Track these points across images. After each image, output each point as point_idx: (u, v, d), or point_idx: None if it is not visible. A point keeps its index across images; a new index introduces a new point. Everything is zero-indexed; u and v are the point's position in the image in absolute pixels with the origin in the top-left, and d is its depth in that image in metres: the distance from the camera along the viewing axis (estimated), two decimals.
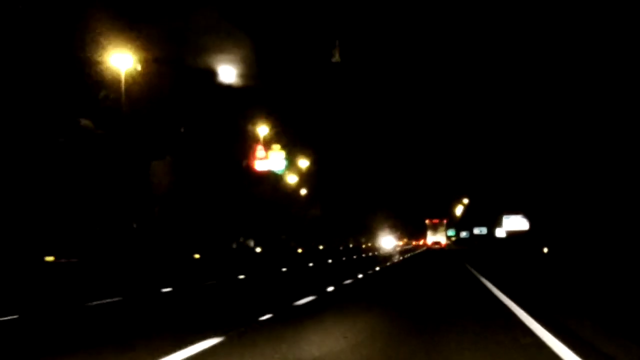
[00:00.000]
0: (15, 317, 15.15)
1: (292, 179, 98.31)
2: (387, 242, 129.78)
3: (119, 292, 21.24)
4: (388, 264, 47.75)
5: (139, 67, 42.72)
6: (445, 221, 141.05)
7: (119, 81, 40.43)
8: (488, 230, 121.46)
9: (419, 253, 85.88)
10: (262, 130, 74.63)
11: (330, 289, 22.96)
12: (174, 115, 49.98)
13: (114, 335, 12.72)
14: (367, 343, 11.13)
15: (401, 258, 62.75)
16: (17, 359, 10.54)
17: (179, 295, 21.80)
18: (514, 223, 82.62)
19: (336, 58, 57.35)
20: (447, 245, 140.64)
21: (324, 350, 10.48)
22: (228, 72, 57.49)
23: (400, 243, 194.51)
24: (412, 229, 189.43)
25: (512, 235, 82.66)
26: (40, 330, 13.52)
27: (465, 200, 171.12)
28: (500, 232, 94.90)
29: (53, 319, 15.25)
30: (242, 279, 29.85)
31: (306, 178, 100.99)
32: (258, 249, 73.54)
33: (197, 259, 48.66)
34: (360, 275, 31.68)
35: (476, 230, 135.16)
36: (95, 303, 18.11)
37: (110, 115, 42.19)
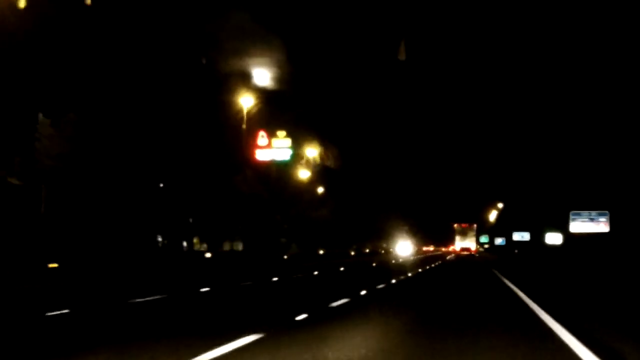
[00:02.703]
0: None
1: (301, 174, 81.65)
2: (403, 248, 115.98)
3: None
4: (393, 281, 30.84)
5: None
6: (474, 225, 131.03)
7: None
8: (533, 235, 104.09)
9: (442, 264, 68.76)
10: (245, 101, 57.73)
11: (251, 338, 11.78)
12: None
13: None
14: None
15: (419, 270, 45.64)
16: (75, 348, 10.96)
17: None
18: (585, 224, 63.76)
19: (401, 56, 54.11)
20: (477, 251, 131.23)
21: None
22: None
23: (425, 249, 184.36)
24: (439, 234, 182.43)
25: (579, 237, 64.28)
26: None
27: (500, 205, 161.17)
28: (553, 238, 77.29)
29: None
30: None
31: (320, 175, 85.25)
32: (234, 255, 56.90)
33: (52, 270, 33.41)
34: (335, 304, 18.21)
35: (516, 236, 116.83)
36: None
37: None
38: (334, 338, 12.23)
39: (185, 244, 54.32)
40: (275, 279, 30.55)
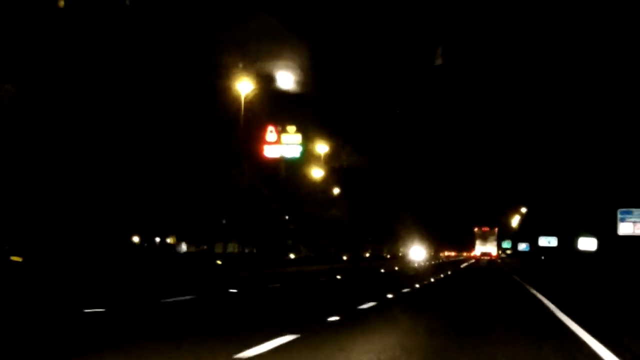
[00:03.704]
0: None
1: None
2: (417, 253, 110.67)
3: None
4: (389, 296, 24.31)
5: None
6: (496, 229, 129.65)
7: None
8: (561, 241, 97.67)
9: (459, 271, 62.61)
10: (243, 87, 51.61)
11: None
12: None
13: None
14: None
15: (431, 280, 38.65)
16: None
17: None
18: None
19: (438, 61, 55.87)
20: (498, 257, 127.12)
21: None
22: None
23: (447, 254, 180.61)
24: (461, 239, 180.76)
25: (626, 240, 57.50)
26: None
27: (523, 210, 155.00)
28: (586, 244, 70.93)
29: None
30: None
31: (334, 174, 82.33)
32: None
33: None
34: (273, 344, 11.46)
35: (542, 241, 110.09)
36: None
37: None
38: None
39: (170, 241, 48.82)
40: (233, 290, 24.46)
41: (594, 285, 34.41)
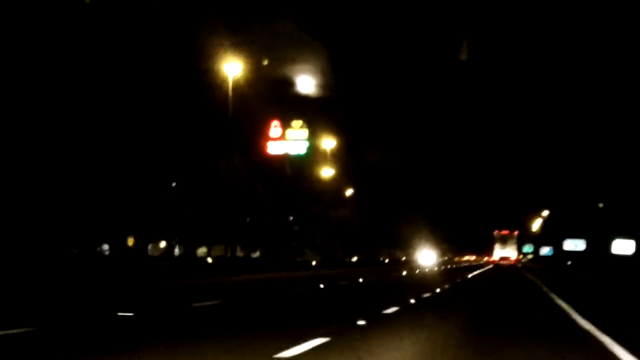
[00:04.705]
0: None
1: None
2: (426, 257, 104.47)
3: None
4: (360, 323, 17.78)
5: None
6: (516, 233, 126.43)
7: None
8: (590, 244, 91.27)
9: (475, 278, 56.12)
10: (231, 69, 45.41)
11: None
12: None
13: None
14: None
15: (437, 290, 31.26)
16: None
17: None
18: None
19: (463, 56, 54.50)
20: (518, 261, 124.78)
21: None
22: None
23: (467, 258, 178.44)
24: (481, 243, 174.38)
25: None
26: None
27: (545, 213, 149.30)
28: (622, 246, 64.43)
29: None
30: None
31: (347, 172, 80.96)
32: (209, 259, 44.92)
33: None
34: None
35: (569, 245, 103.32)
36: None
37: None
38: None
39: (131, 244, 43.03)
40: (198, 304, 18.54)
41: (636, 295, 28.64)
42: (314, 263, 60.21)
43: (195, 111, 42.90)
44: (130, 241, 42.60)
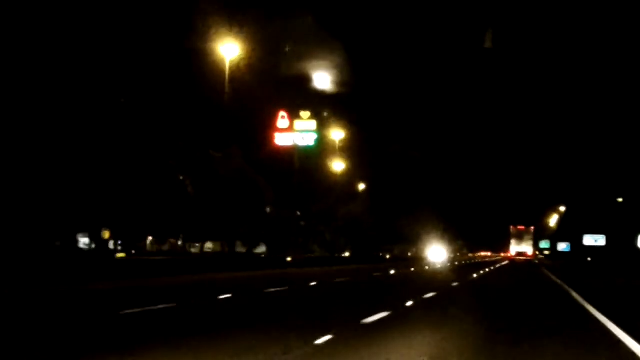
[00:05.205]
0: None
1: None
2: (437, 254, 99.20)
3: None
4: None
5: None
6: (532, 228, 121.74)
7: None
8: (611, 239, 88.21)
9: (489, 274, 52.83)
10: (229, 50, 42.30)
11: None
12: None
13: None
14: None
15: (431, 295, 25.14)
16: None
17: None
18: None
19: (488, 44, 52.52)
20: (534, 256, 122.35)
21: None
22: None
23: (483, 254, 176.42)
24: (497, 239, 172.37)
25: None
26: None
27: (562, 208, 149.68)
28: None
29: None
30: None
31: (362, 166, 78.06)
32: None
33: None
34: None
35: (588, 240, 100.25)
36: None
37: None
38: None
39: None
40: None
41: None
42: (289, 259, 54.63)
43: (189, 98, 40.09)
44: (106, 234, 39.69)
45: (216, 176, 42.24)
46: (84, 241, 43.29)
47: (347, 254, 78.60)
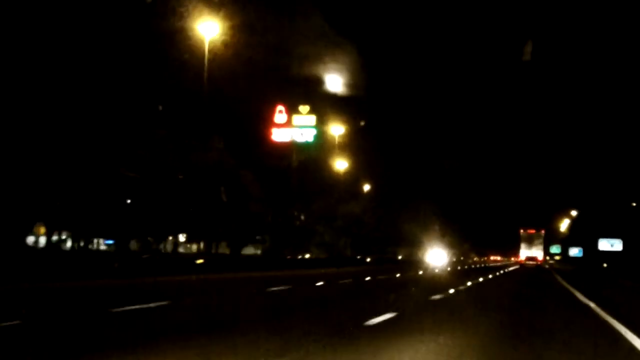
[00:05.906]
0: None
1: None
2: (436, 257, 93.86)
3: None
4: None
5: None
6: (542, 232, 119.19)
7: None
8: (629, 244, 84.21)
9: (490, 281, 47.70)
10: (208, 29, 37.53)
11: None
12: None
13: None
14: None
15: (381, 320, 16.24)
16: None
17: None
18: None
19: (526, 56, 51.82)
20: (544, 261, 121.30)
21: None
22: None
23: (493, 258, 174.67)
24: (507, 244, 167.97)
25: None
26: None
27: (574, 213, 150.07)
28: None
29: None
30: None
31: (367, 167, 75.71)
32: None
33: None
34: None
35: (604, 245, 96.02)
36: None
37: None
38: None
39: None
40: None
41: None
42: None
43: (169, 84, 36.17)
44: (41, 230, 35.74)
45: (189, 166, 37.84)
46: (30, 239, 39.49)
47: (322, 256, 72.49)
